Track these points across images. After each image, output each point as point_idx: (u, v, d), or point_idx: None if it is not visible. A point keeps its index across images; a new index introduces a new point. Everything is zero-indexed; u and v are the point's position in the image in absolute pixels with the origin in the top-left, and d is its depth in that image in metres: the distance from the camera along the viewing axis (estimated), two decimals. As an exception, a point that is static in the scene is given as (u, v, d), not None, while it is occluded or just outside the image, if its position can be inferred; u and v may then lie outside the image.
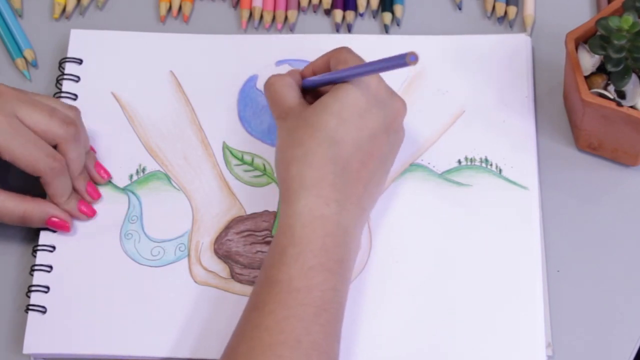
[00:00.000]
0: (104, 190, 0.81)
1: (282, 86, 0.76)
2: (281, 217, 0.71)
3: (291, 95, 0.76)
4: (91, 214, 0.79)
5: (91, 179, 0.80)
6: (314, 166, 0.71)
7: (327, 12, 0.88)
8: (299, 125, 0.73)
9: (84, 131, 0.79)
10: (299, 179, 0.71)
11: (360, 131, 0.72)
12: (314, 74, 0.78)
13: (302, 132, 0.72)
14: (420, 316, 0.75)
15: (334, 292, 0.69)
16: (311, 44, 0.85)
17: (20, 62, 0.87)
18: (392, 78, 0.82)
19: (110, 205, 0.80)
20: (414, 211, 0.79)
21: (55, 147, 0.76)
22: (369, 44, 0.85)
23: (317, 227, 0.70)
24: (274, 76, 0.77)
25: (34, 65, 0.87)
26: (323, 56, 0.78)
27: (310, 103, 0.75)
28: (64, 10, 0.89)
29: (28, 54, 0.87)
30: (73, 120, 0.77)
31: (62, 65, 0.86)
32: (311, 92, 0.78)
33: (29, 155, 0.74)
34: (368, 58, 0.84)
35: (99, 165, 0.80)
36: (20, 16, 0.90)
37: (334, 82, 0.75)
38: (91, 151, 0.81)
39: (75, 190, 0.79)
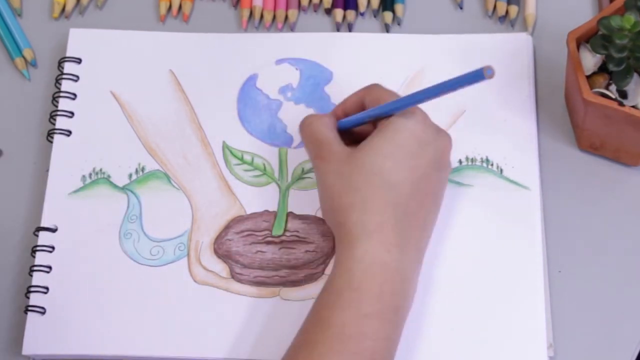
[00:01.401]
0: (103, 189, 0.81)
1: (320, 125, 0.74)
2: (339, 260, 0.69)
3: (332, 135, 0.73)
4: None
5: None
6: (375, 211, 0.69)
7: (328, 12, 0.88)
8: (351, 169, 0.71)
9: None
10: (360, 225, 0.69)
11: (414, 172, 0.71)
12: (345, 114, 0.76)
13: (355, 177, 0.70)
14: (421, 316, 0.75)
15: (387, 342, 0.68)
16: (311, 43, 0.85)
17: (19, 61, 0.87)
18: (393, 78, 0.83)
19: (109, 205, 0.80)
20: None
21: None
22: (369, 43, 0.85)
23: (376, 273, 0.68)
24: (310, 116, 0.75)
25: (33, 64, 0.87)
26: (354, 95, 0.76)
27: (346, 144, 0.74)
28: (63, 9, 0.89)
29: (27, 53, 0.87)
30: None
31: (61, 64, 0.85)
32: (345, 134, 0.76)
33: None
34: (369, 57, 0.84)
35: None
36: (19, 15, 0.90)
37: (374, 119, 0.74)
38: None
39: None
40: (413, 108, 0.72)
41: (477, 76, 0.66)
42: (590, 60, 0.76)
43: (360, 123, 0.75)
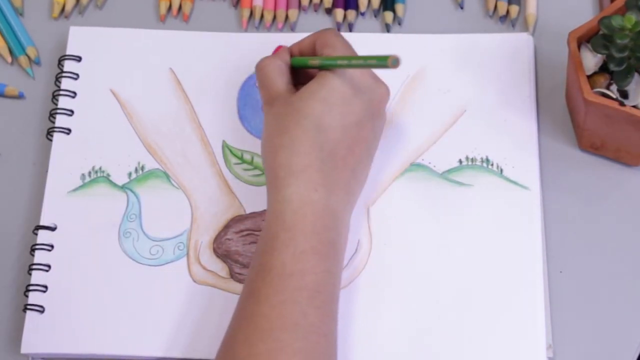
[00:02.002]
0: (102, 187, 0.81)
1: (272, 70, 0.76)
2: (270, 204, 0.72)
3: (280, 80, 0.75)
4: None
5: None
6: (301, 153, 0.71)
7: (328, 11, 0.88)
8: (286, 112, 0.73)
9: None
10: (286, 166, 0.71)
11: (346, 117, 0.73)
12: (301, 53, 0.78)
13: (288, 119, 0.72)
14: (421, 316, 0.75)
15: (328, 274, 0.70)
16: (312, 42, 0.85)
17: (23, 59, 0.87)
18: (393, 77, 0.82)
19: (108, 204, 0.80)
20: (414, 211, 0.78)
21: None
22: (370, 43, 0.85)
23: (307, 212, 0.70)
24: (265, 58, 0.77)
25: (37, 62, 0.87)
26: (310, 36, 0.78)
27: (296, 84, 0.76)
28: (63, 9, 0.89)
29: (31, 51, 0.87)
30: None
31: (61, 62, 0.85)
32: (300, 75, 0.77)
33: None
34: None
35: None
36: (21, 15, 0.89)
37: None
38: None
39: None
40: (352, 54, 0.74)
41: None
42: (591, 60, 0.76)
43: (302, 67, 0.77)
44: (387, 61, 0.69)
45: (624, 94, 0.75)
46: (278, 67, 0.76)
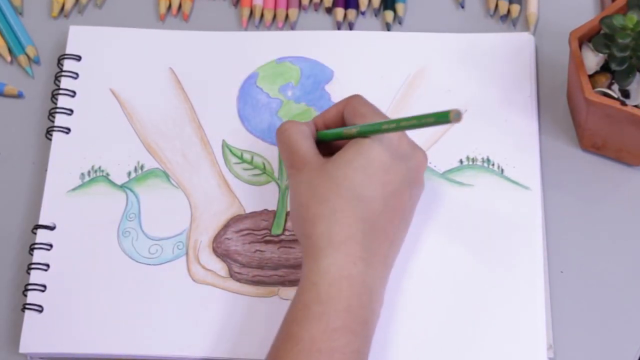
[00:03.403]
0: (102, 187, 0.80)
1: (296, 133, 0.73)
2: (305, 274, 0.69)
3: (307, 144, 0.73)
4: None
5: None
6: (343, 224, 0.69)
7: (329, 11, 0.88)
8: (322, 181, 0.70)
9: None
10: (327, 237, 0.69)
11: (385, 187, 0.70)
12: (326, 126, 0.75)
13: (326, 188, 0.70)
14: (421, 316, 0.75)
15: (356, 355, 0.67)
16: (312, 41, 0.85)
17: (22, 58, 0.87)
18: (393, 76, 0.82)
19: (108, 203, 0.80)
20: (414, 211, 0.78)
21: None
22: (370, 41, 0.85)
23: (343, 286, 0.67)
24: (288, 122, 0.74)
25: (37, 61, 0.87)
26: (334, 107, 0.75)
27: (324, 155, 0.73)
28: (63, 8, 0.89)
29: (30, 50, 0.87)
30: None
31: (61, 62, 0.85)
32: (324, 144, 0.75)
33: None
34: (370, 55, 0.84)
35: None
36: (20, 14, 0.89)
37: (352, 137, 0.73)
38: None
39: None
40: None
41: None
42: (592, 60, 0.76)
43: (334, 138, 0.74)
44: (448, 117, 0.63)
45: (626, 94, 0.75)
46: (302, 131, 0.73)
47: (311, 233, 0.69)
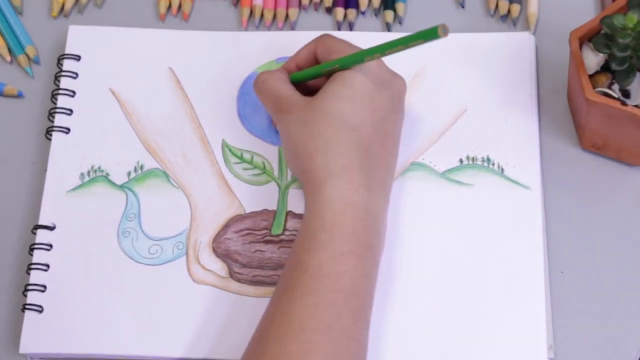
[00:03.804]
0: (102, 187, 0.80)
1: (276, 80, 0.76)
2: (309, 205, 0.71)
3: (288, 87, 0.75)
4: None
5: None
6: (339, 154, 0.71)
7: (329, 10, 0.88)
8: (312, 117, 0.73)
9: None
10: (325, 168, 0.71)
11: (374, 114, 0.73)
12: (299, 68, 0.78)
13: (317, 122, 0.72)
14: (421, 317, 0.75)
15: (364, 278, 0.69)
16: (312, 41, 0.85)
17: (22, 58, 0.87)
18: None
19: (107, 203, 0.80)
20: (414, 211, 0.78)
21: None
22: (370, 41, 0.84)
23: (347, 213, 0.70)
24: (263, 73, 0.77)
25: (36, 61, 0.87)
26: (305, 48, 0.77)
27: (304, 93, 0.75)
28: (62, 8, 0.89)
29: (30, 50, 0.87)
30: None
31: (60, 61, 0.85)
32: (299, 87, 0.77)
33: None
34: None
35: None
36: (20, 14, 0.89)
37: (327, 73, 0.75)
38: None
39: None
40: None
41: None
42: (592, 60, 0.76)
43: (313, 77, 0.76)
44: (437, 32, 0.67)
45: (626, 94, 0.75)
46: (280, 78, 0.76)
47: (309, 167, 0.72)
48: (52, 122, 0.83)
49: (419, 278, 0.76)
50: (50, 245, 0.79)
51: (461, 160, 0.80)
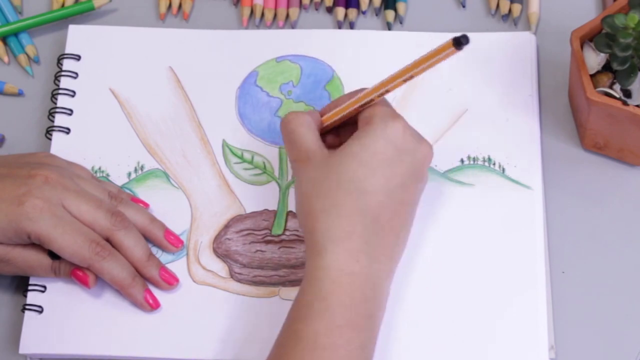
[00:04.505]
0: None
1: (300, 125, 0.72)
2: (308, 270, 0.69)
3: (310, 137, 0.72)
4: (173, 282, 0.76)
5: (162, 247, 0.77)
6: (343, 218, 0.68)
7: (329, 10, 0.88)
8: (325, 175, 0.70)
9: (140, 212, 0.77)
10: (327, 232, 0.68)
11: (390, 180, 0.70)
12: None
13: (328, 182, 0.69)
14: (422, 317, 0.75)
15: (361, 351, 0.67)
16: (312, 40, 0.85)
17: (22, 58, 0.87)
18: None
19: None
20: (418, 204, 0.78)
21: (108, 241, 0.75)
22: (371, 40, 0.84)
23: (345, 282, 0.67)
24: (291, 114, 0.73)
25: (36, 61, 0.87)
26: (344, 96, 0.74)
27: (329, 145, 0.73)
28: (62, 7, 0.89)
29: (30, 50, 0.87)
30: (118, 211, 0.75)
31: (60, 61, 0.85)
32: (330, 133, 0.75)
33: (73, 243, 0.73)
34: (371, 54, 0.84)
35: (169, 233, 0.77)
36: (20, 13, 0.89)
37: (354, 112, 0.73)
38: (158, 221, 0.77)
39: (148, 280, 0.76)
40: (394, 114, 0.71)
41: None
42: (594, 59, 0.75)
43: (341, 118, 0.74)
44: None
45: (628, 93, 0.75)
46: (306, 122, 0.72)
47: (313, 228, 0.69)
48: (52, 122, 0.83)
49: (420, 278, 0.76)
50: (51, 246, 0.79)
51: (462, 160, 0.80)
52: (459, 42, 0.66)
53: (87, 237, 0.73)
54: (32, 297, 0.77)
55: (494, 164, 0.79)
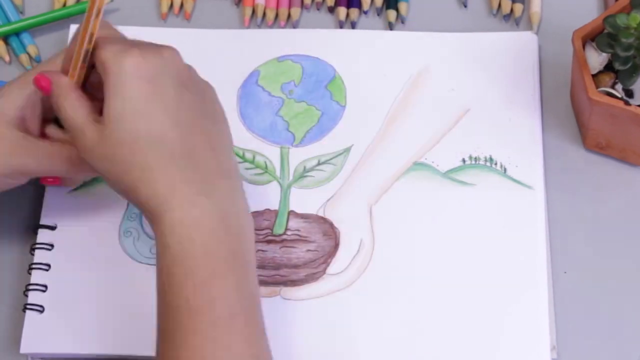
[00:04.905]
0: (103, 187, 0.80)
1: (63, 99, 0.68)
2: (157, 242, 0.65)
3: (77, 114, 0.67)
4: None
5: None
6: (157, 177, 0.65)
7: (331, 10, 0.88)
8: (113, 150, 0.66)
9: None
10: (154, 197, 0.65)
11: (171, 113, 0.66)
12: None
13: (121, 154, 0.65)
14: (424, 317, 0.75)
15: (238, 292, 0.64)
16: (314, 39, 0.85)
17: (24, 57, 0.87)
18: (396, 75, 0.82)
19: (109, 203, 0.80)
20: (417, 210, 0.78)
21: None
22: (373, 40, 0.84)
23: (194, 234, 0.64)
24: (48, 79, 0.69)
25: (38, 61, 0.87)
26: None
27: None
28: (64, 7, 0.89)
29: (31, 49, 0.87)
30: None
31: (62, 61, 0.85)
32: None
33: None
34: (373, 54, 0.84)
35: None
36: (21, 12, 0.89)
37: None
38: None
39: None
40: (123, 48, 0.66)
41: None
42: (596, 59, 0.75)
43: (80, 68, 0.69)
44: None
45: (630, 93, 0.75)
46: (69, 97, 0.68)
47: (139, 201, 0.66)
48: (54, 121, 0.83)
49: (422, 278, 0.76)
50: (52, 245, 0.79)
51: (464, 160, 0.80)
52: None
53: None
54: (33, 297, 0.77)
55: (496, 164, 0.79)
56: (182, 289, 0.63)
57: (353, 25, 0.87)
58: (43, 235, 0.79)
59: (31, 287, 0.77)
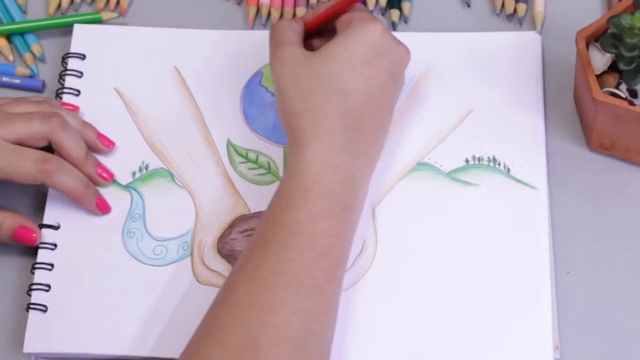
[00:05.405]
0: (106, 187, 0.80)
1: (285, 28, 0.76)
2: (290, 162, 0.72)
3: (293, 38, 0.76)
4: (109, 178, 0.80)
5: (96, 150, 0.80)
6: (327, 118, 0.72)
7: (335, 9, 0.88)
8: (307, 75, 0.73)
9: (71, 115, 0.80)
10: (311, 129, 0.72)
11: (370, 81, 0.73)
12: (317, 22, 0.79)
13: (312, 83, 0.73)
14: (426, 317, 0.75)
15: (338, 238, 0.70)
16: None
17: (28, 56, 0.87)
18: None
19: (112, 203, 0.80)
20: (420, 210, 0.78)
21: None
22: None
23: (326, 174, 0.71)
24: (281, 21, 0.78)
25: (42, 60, 0.87)
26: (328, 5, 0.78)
27: (310, 49, 0.76)
28: (59, 6, 0.89)
29: (35, 48, 0.87)
30: (53, 112, 0.78)
31: (65, 60, 0.85)
32: (310, 39, 0.79)
33: (18, 168, 0.75)
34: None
35: (101, 135, 0.81)
36: (24, 12, 0.89)
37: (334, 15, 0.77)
38: (89, 124, 0.81)
39: (87, 177, 0.79)
40: (372, 17, 0.75)
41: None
42: (600, 59, 0.75)
43: (322, 22, 0.77)
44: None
45: (634, 94, 0.75)
46: (292, 27, 0.77)
47: (296, 126, 0.73)
48: (57, 121, 0.83)
49: (425, 278, 0.76)
50: (55, 245, 0.79)
51: (467, 160, 0.80)
52: None
53: (31, 157, 0.76)
54: (36, 296, 0.77)
55: (499, 164, 0.79)
56: (296, 212, 0.70)
57: (356, 25, 0.87)
58: (46, 235, 0.79)
59: (34, 286, 0.77)
